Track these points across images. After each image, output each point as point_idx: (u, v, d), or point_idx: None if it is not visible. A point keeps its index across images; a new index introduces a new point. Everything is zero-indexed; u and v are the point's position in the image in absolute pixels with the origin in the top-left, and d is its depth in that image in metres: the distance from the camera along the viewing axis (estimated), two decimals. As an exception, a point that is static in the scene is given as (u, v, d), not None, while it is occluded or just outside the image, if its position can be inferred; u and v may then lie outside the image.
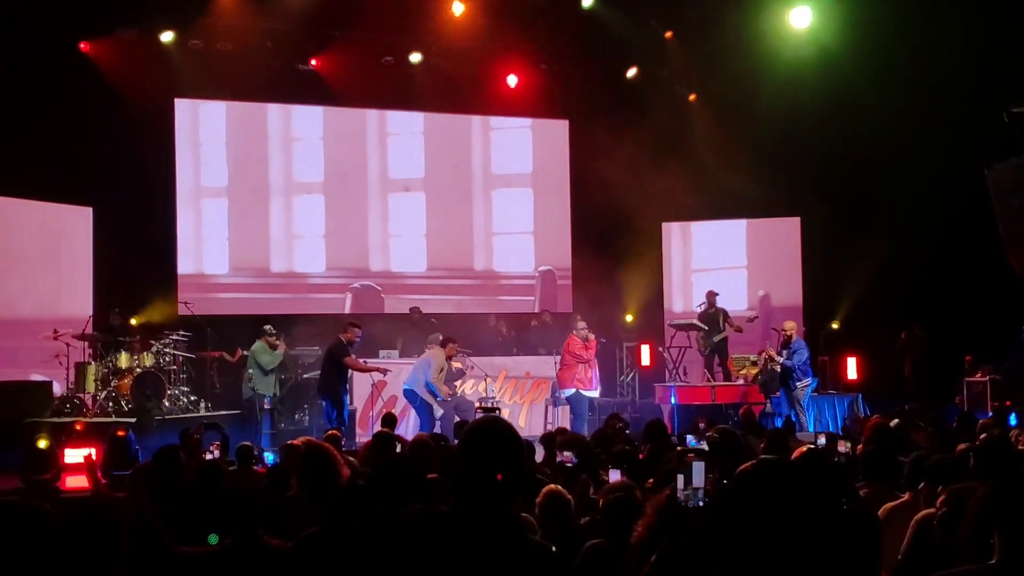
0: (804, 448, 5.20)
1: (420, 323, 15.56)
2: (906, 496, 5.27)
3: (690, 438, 7.83)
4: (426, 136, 17.93)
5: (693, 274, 18.38)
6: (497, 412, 12.04)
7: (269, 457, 8.16)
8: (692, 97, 18.01)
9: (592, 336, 13.86)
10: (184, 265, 16.41)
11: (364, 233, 17.49)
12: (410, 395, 13.24)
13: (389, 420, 10.05)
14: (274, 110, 17.19)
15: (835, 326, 16.92)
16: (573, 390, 13.76)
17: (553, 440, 8.18)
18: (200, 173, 16.66)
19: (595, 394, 14.03)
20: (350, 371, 13.15)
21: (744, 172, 16.13)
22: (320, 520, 3.96)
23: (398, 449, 7.05)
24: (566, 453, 7.03)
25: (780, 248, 18.06)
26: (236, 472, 7.42)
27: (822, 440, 7.29)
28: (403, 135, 17.86)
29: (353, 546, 3.73)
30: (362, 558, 3.64)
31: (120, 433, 8.00)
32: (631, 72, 17.64)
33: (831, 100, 15.96)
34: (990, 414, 11.51)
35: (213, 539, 4.31)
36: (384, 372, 13.59)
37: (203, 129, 16.75)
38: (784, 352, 13.69)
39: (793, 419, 12.70)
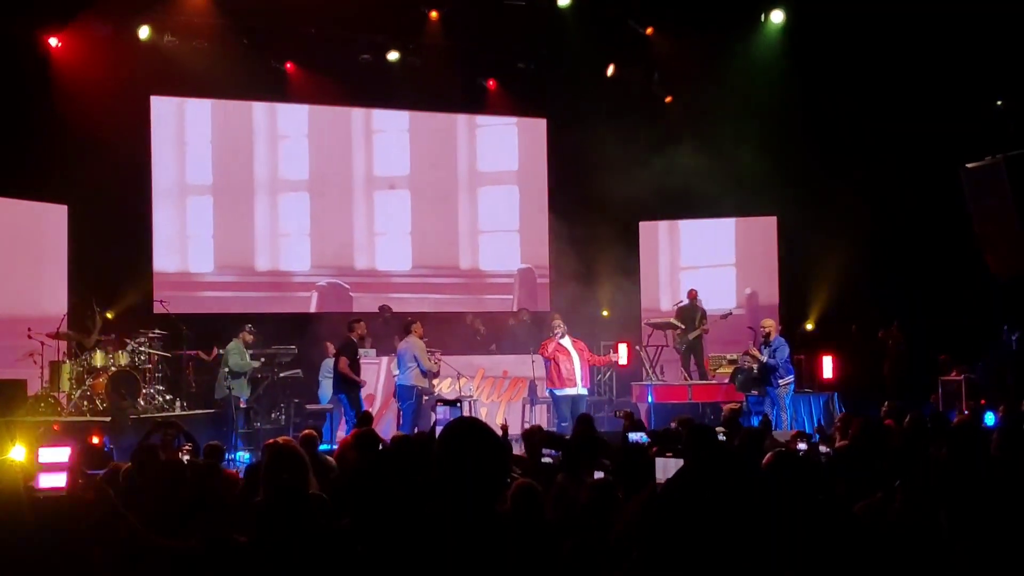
0: (776, 450, 5.21)
1: (391, 321, 15.47)
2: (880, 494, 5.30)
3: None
4: (411, 134, 17.82)
5: (681, 272, 18.32)
6: (457, 405, 11.99)
7: (245, 456, 8.06)
8: (668, 99, 18.07)
9: (565, 330, 13.50)
10: (169, 263, 16.32)
11: (350, 231, 17.40)
12: (403, 391, 13.08)
13: (366, 419, 9.99)
14: (259, 108, 17.08)
15: (809, 327, 16.95)
16: (548, 389, 13.60)
17: (531, 440, 8.06)
18: (184, 171, 16.56)
19: (569, 392, 13.10)
20: (360, 368, 13.10)
21: (721, 171, 16.16)
22: (291, 521, 3.92)
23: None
24: (545, 450, 7.04)
25: (758, 247, 18.09)
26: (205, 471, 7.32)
27: (802, 445, 7.26)
28: (388, 132, 17.75)
29: (336, 549, 3.70)
30: (346, 560, 3.62)
31: (96, 443, 7.94)
32: (609, 71, 17.65)
33: (808, 98, 16.04)
34: (967, 412, 11.57)
35: None
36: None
37: (188, 126, 16.62)
38: (765, 350, 13.68)
39: (773, 417, 12.71)
